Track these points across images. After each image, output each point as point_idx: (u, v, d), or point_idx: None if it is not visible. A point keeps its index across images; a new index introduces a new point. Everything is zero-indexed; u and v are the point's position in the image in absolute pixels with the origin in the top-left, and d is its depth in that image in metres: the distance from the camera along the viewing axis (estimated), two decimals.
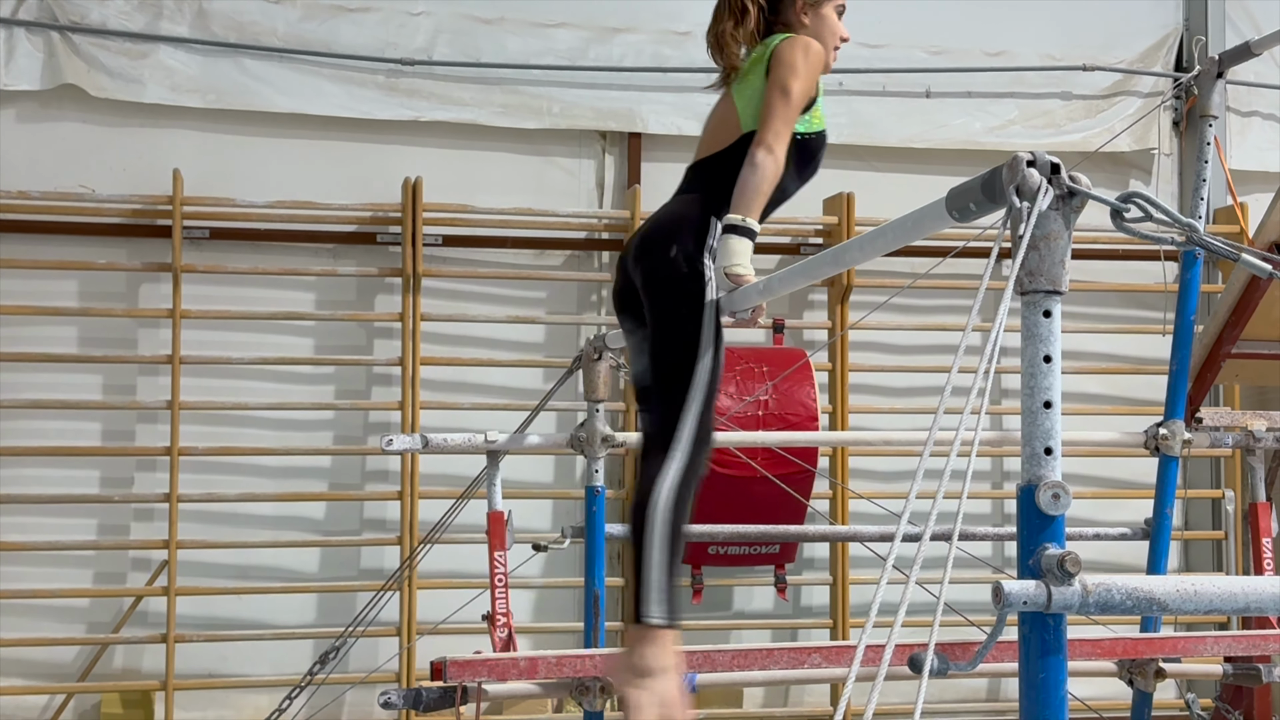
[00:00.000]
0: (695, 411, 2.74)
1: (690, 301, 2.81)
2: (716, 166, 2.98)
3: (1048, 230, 1.60)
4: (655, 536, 2.66)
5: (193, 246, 5.60)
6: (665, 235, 2.90)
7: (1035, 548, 1.56)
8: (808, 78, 2.89)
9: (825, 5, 3.06)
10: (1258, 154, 6.48)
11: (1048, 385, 1.59)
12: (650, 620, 2.63)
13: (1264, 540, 3.87)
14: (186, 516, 5.51)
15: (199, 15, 5.65)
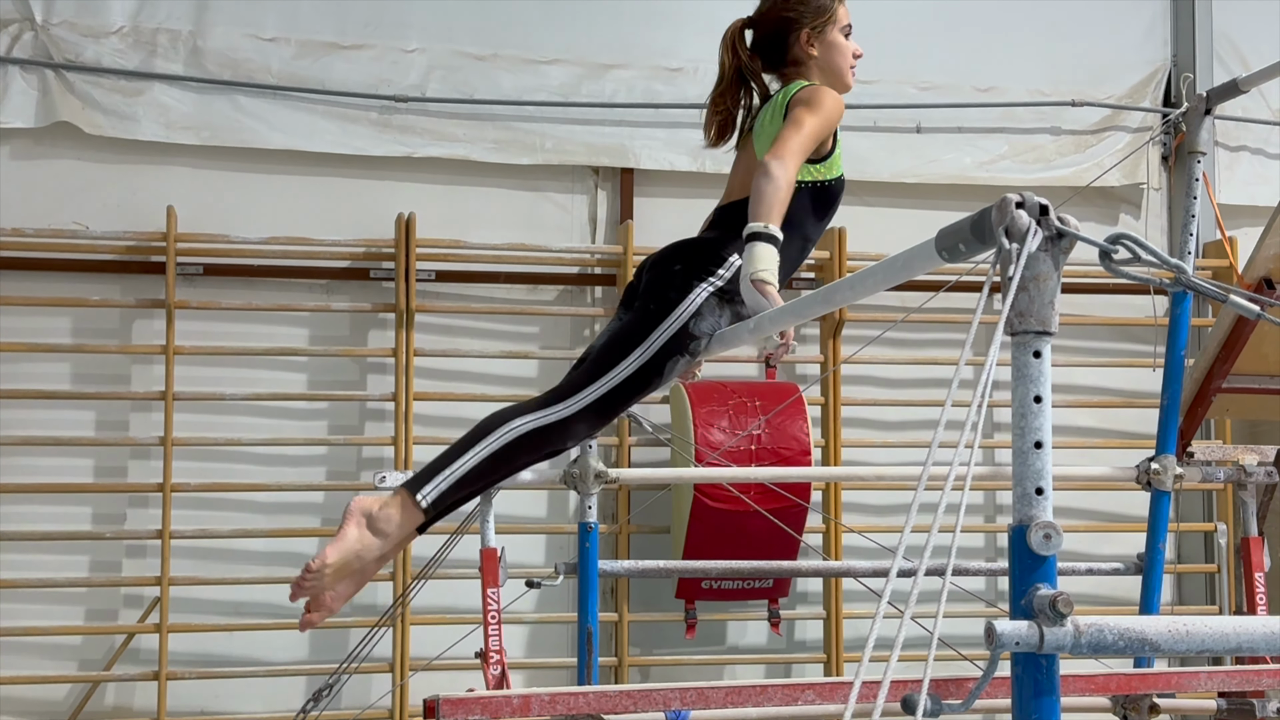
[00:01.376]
0: (604, 387, 2.79)
1: (663, 304, 2.85)
2: (741, 210, 2.94)
3: (1037, 271, 1.61)
4: (486, 448, 2.74)
5: (186, 283, 5.61)
6: (677, 252, 2.95)
7: (1027, 588, 1.56)
8: (824, 119, 2.87)
9: (830, 30, 3.06)
10: (1246, 188, 6.52)
11: (1038, 425, 1.60)
12: (419, 498, 2.72)
13: (1256, 575, 3.88)
14: (179, 553, 5.50)
15: (193, 53, 5.68)
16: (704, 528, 5.37)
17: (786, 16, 3.05)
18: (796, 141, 2.82)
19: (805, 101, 2.89)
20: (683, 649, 5.85)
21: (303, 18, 5.80)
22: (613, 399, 2.81)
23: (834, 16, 3.07)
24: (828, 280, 5.97)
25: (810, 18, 3.04)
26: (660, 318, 2.84)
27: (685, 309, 2.84)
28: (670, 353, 2.84)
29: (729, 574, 4.29)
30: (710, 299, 2.87)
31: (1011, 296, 1.59)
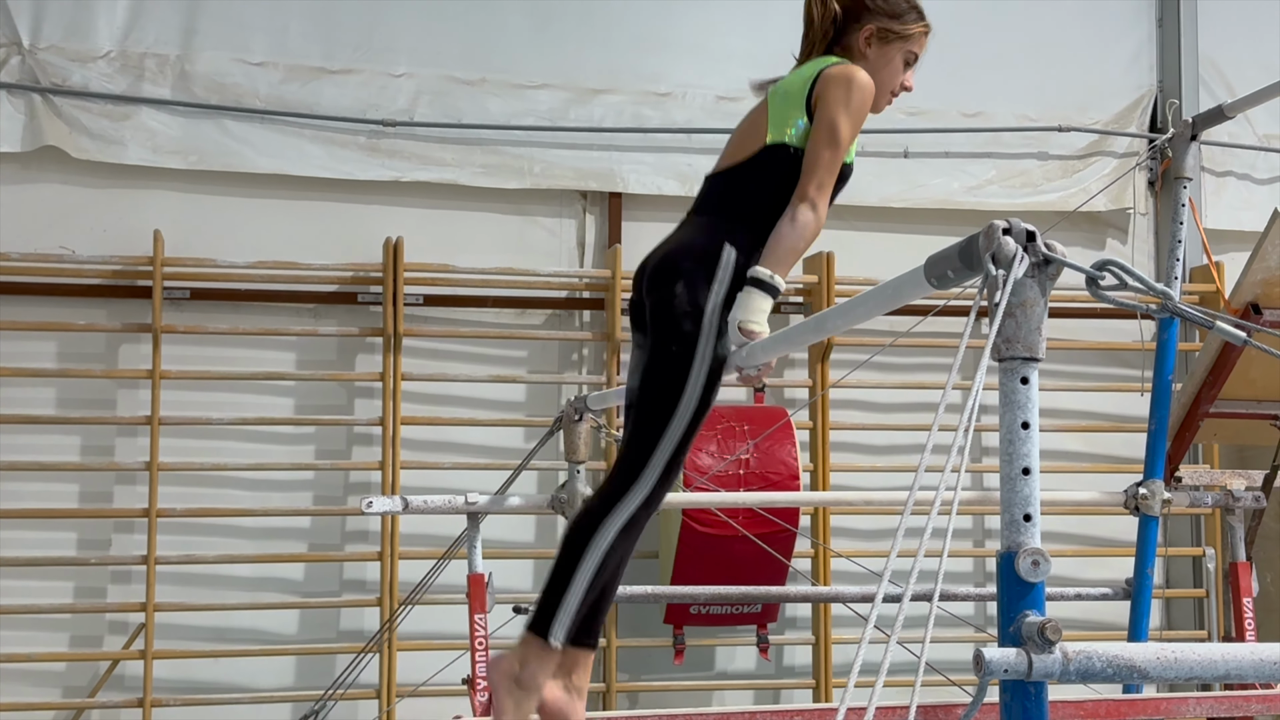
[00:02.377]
0: (668, 450, 2.69)
1: (685, 341, 2.72)
2: (734, 181, 2.86)
3: (1024, 297, 1.61)
4: (590, 560, 2.62)
5: (173, 307, 5.59)
6: (674, 267, 2.79)
7: (1015, 615, 1.56)
8: (858, 119, 2.77)
9: (894, 45, 2.90)
10: (1232, 213, 6.55)
11: (1026, 452, 1.60)
12: (550, 641, 2.61)
13: (1245, 600, 3.88)
14: (164, 579, 5.47)
15: (181, 77, 5.68)
16: (692, 552, 5.35)
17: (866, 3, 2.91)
18: (829, 172, 2.73)
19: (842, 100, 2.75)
20: (671, 674, 5.83)
21: (291, 42, 5.80)
22: (678, 455, 2.71)
23: (908, 35, 2.92)
24: (816, 303, 5.98)
25: (886, 19, 2.90)
26: (689, 359, 2.71)
27: (706, 340, 2.72)
28: (712, 386, 2.73)
29: (716, 600, 4.27)
30: (723, 310, 2.75)
31: (998, 323, 1.59)
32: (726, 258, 2.76)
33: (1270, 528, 5.92)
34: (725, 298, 2.75)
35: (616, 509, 2.65)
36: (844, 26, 2.90)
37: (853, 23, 2.90)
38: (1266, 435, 4.10)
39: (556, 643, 2.61)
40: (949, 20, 6.33)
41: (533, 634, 2.63)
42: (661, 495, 2.72)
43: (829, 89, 2.77)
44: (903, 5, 2.91)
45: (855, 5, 2.90)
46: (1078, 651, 1.53)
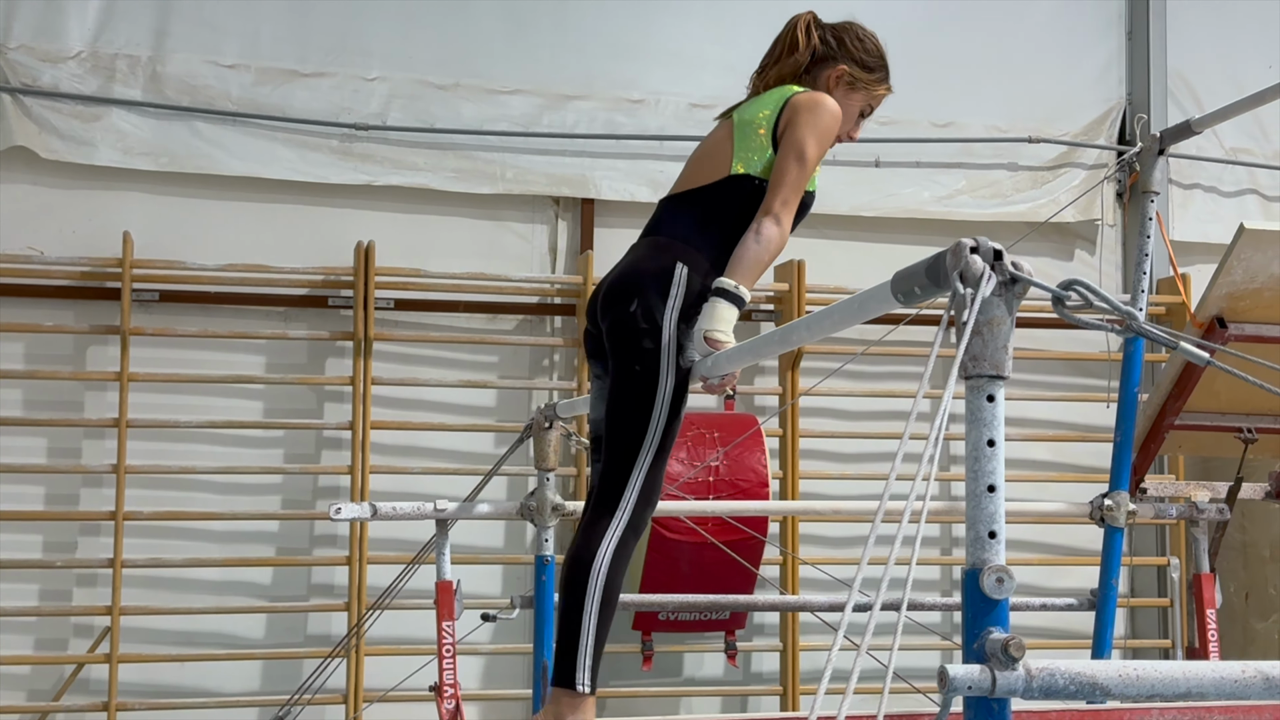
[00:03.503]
0: (642, 472, 2.73)
1: (646, 359, 2.75)
2: (691, 205, 2.91)
3: (991, 315, 1.62)
4: (592, 602, 2.67)
5: (141, 309, 5.57)
6: (627, 288, 2.82)
7: (979, 631, 1.57)
8: (825, 142, 2.84)
9: (858, 93, 3.02)
10: (1199, 225, 6.60)
11: (991, 469, 1.61)
12: (578, 688, 2.65)
13: (1208, 612, 3.91)
14: (131, 582, 5.44)
15: (152, 79, 5.65)
16: (661, 559, 5.36)
17: (845, 45, 3.04)
18: (794, 189, 2.78)
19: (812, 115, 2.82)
20: (639, 680, 5.83)
21: (263, 45, 5.78)
22: (655, 474, 2.75)
23: (869, 88, 3.04)
24: (786, 312, 5.99)
25: (860, 66, 3.02)
26: (653, 376, 2.75)
27: (668, 355, 2.75)
28: (678, 401, 2.77)
29: (685, 608, 4.28)
30: (680, 325, 2.78)
31: (965, 341, 1.60)
32: (679, 274, 2.80)
33: (1234, 538, 5.98)
34: (682, 312, 2.78)
35: (604, 542, 2.69)
36: (820, 61, 3.01)
37: (828, 60, 3.00)
38: (1231, 447, 4.14)
39: (584, 689, 2.66)
40: (920, 31, 6.44)
41: (560, 688, 2.67)
42: (645, 518, 2.74)
43: (799, 113, 2.84)
44: (876, 60, 3.05)
45: (836, 45, 3.01)
46: (1041, 669, 1.55)
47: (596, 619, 2.67)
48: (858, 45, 3.03)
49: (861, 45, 3.03)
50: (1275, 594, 5.88)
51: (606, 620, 2.69)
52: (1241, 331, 3.92)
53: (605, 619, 2.69)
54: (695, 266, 2.82)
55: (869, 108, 3.07)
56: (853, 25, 3.10)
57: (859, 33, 3.07)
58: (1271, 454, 4.31)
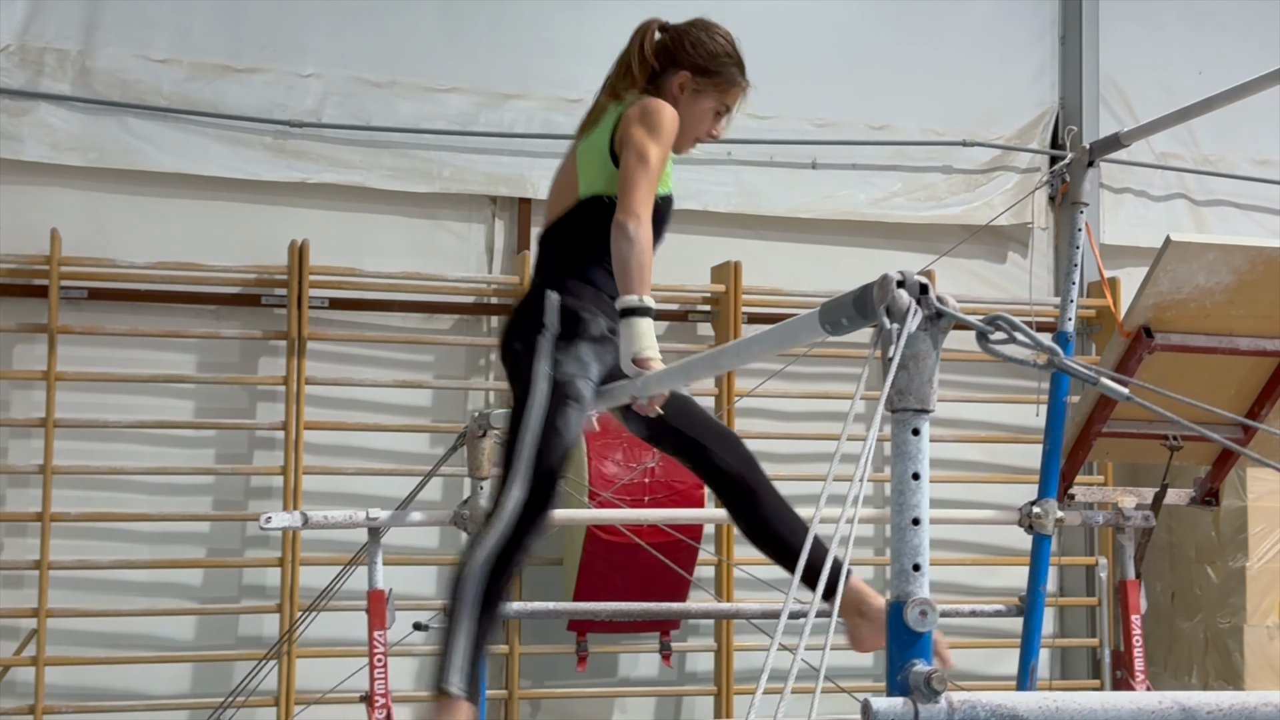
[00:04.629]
0: (520, 484, 2.77)
1: (524, 379, 2.84)
2: (555, 237, 2.97)
3: (916, 350, 1.64)
4: (464, 605, 2.71)
5: (70, 307, 5.48)
6: (510, 331, 2.94)
7: (903, 664, 1.59)
8: (664, 142, 2.82)
9: (707, 97, 2.99)
10: (1129, 229, 6.70)
11: (916, 502, 1.63)
12: (448, 689, 2.68)
13: (1133, 617, 3.97)
14: (57, 584, 5.36)
15: (81, 73, 5.56)
16: (597, 561, 5.36)
17: (687, 49, 2.98)
18: (645, 187, 2.77)
19: (644, 121, 2.82)
20: (574, 681, 5.83)
21: (195, 39, 5.71)
22: (536, 485, 2.77)
23: (721, 88, 3.01)
24: (724, 312, 6.01)
25: (698, 71, 2.98)
26: (527, 391, 2.82)
27: (540, 369, 2.82)
28: (555, 412, 2.80)
29: (618, 615, 4.28)
30: (558, 344, 2.84)
31: (892, 376, 1.62)
32: (549, 302, 2.86)
33: (1161, 538, 6.08)
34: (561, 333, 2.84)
35: (481, 547, 2.74)
36: (662, 69, 2.98)
37: (670, 66, 2.97)
38: (1157, 454, 4.20)
39: (457, 691, 2.67)
40: (857, 34, 6.48)
41: (437, 691, 2.70)
42: (525, 531, 2.76)
43: (630, 122, 2.84)
44: (721, 60, 2.99)
45: (674, 51, 2.97)
46: (962, 701, 1.57)
47: (471, 624, 2.70)
48: (697, 50, 2.97)
49: (702, 49, 2.97)
50: (1200, 594, 5.99)
51: (484, 626, 2.73)
52: (1168, 341, 3.98)
53: (483, 624, 2.72)
54: (568, 290, 2.88)
55: (724, 107, 3.03)
56: (695, 27, 3.02)
57: (699, 36, 2.99)
58: (1196, 461, 4.38)
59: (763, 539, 3.00)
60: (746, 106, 6.42)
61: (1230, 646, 5.79)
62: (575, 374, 2.83)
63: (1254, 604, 5.75)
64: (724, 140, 6.12)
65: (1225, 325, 4.00)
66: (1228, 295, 3.93)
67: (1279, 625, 5.76)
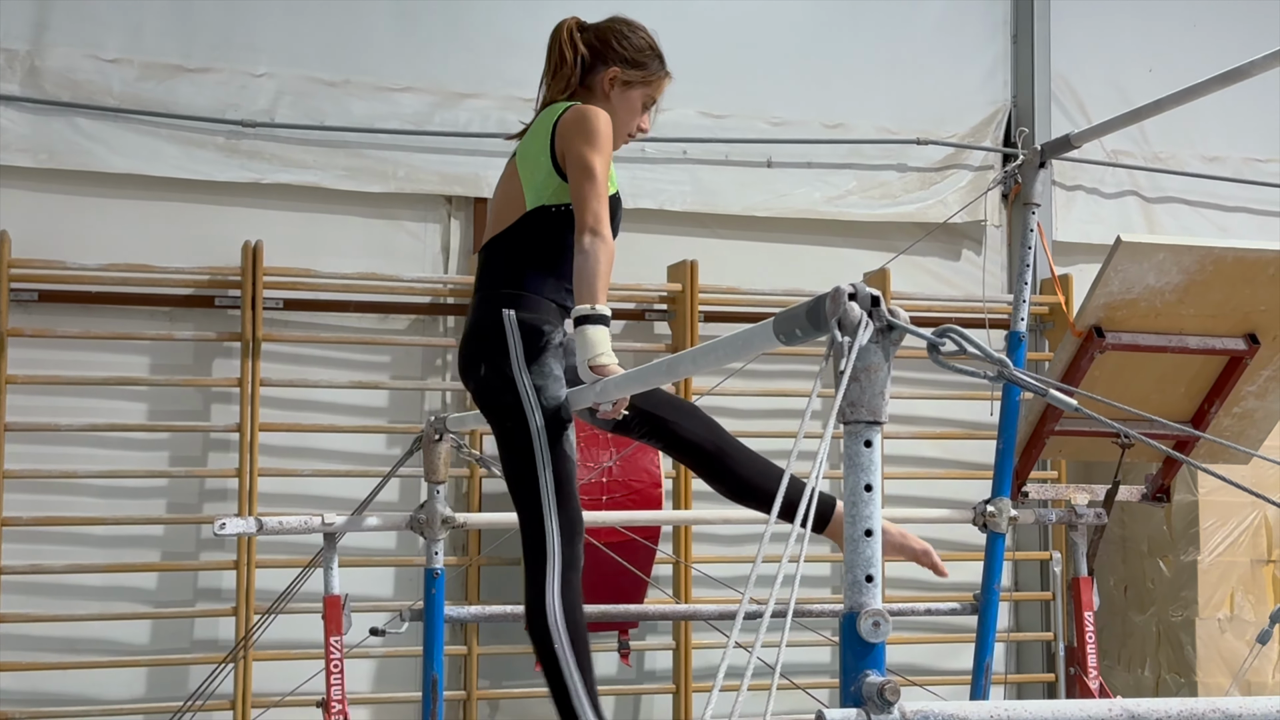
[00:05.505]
0: (553, 515, 2.81)
1: (512, 414, 2.85)
2: (501, 248, 2.98)
3: (868, 362, 1.65)
4: (564, 651, 2.77)
5: (20, 310, 5.42)
6: (471, 355, 2.93)
7: (857, 675, 1.60)
8: (604, 150, 2.87)
9: (636, 90, 3.05)
10: (1081, 226, 6.76)
11: (868, 514, 1.63)
12: None
13: (1086, 614, 4.01)
14: (10, 588, 5.31)
15: (30, 73, 5.50)
16: None
17: (612, 45, 3.04)
18: (598, 200, 2.82)
19: (581, 133, 2.86)
20: (533, 681, 5.82)
21: (146, 39, 5.66)
22: (566, 508, 2.82)
23: (649, 80, 3.07)
24: (680, 311, 6.02)
25: (628, 65, 3.04)
26: (525, 427, 2.83)
27: (529, 401, 2.84)
28: (558, 440, 2.84)
29: None
30: (531, 368, 2.86)
31: (844, 388, 1.63)
32: (509, 322, 2.88)
33: (1114, 533, 6.14)
34: (527, 356, 2.86)
35: (546, 588, 2.79)
36: (590, 67, 3.03)
37: (598, 64, 3.03)
38: (1109, 452, 4.24)
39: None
40: (811, 32, 6.50)
41: None
42: (577, 551, 2.84)
43: (568, 134, 2.89)
44: (645, 53, 3.06)
45: (600, 48, 3.03)
46: (915, 711, 1.58)
47: (575, 663, 2.77)
48: (623, 44, 3.04)
49: (627, 43, 3.04)
50: (1153, 587, 6.06)
51: (584, 657, 2.80)
52: (1119, 340, 4.02)
53: (582, 656, 2.79)
54: (523, 305, 2.91)
55: (651, 99, 3.09)
56: (615, 24, 3.10)
57: (622, 30, 3.07)
58: (1147, 458, 4.43)
59: (745, 493, 3.05)
60: (702, 104, 6.47)
61: (1182, 640, 5.86)
62: (558, 393, 2.87)
63: (1205, 597, 5.82)
64: (679, 139, 6.22)
65: (1175, 325, 4.05)
66: (1177, 295, 3.98)
67: (1230, 618, 5.84)
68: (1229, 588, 5.86)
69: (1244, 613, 5.84)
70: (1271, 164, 7.00)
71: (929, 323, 6.35)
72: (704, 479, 3.13)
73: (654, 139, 6.17)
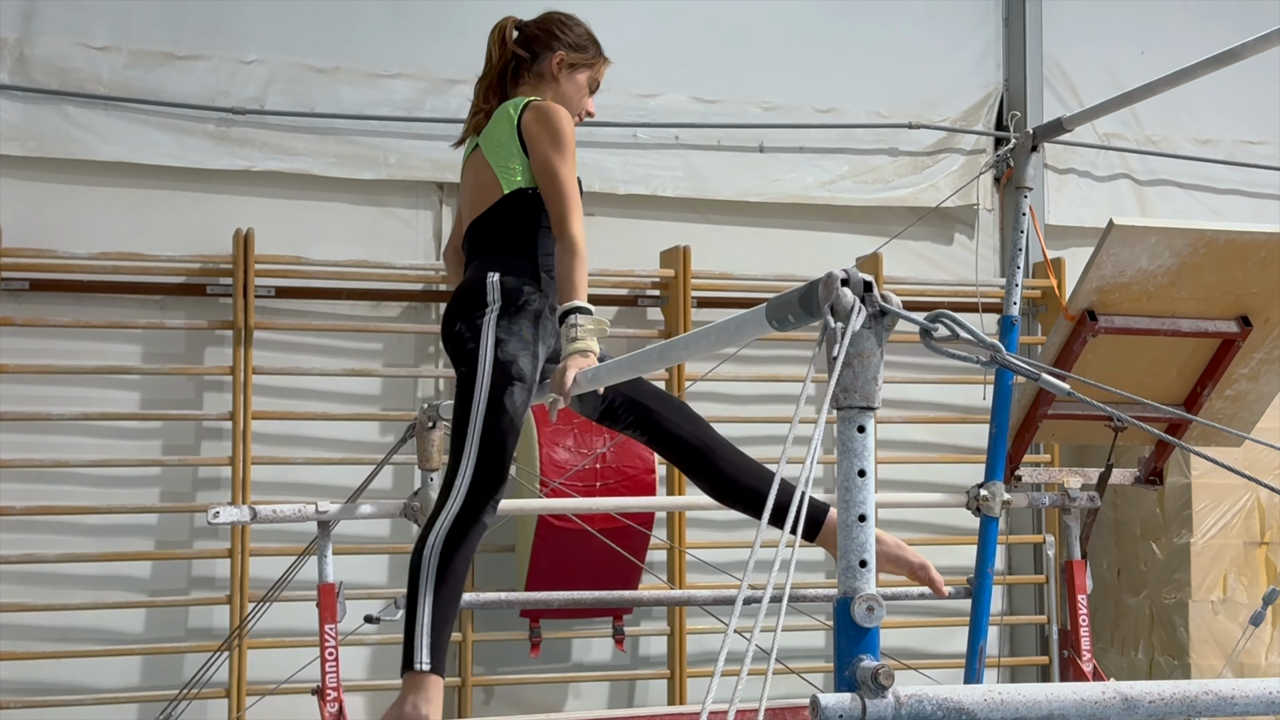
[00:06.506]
0: (470, 462, 2.88)
1: (468, 360, 2.94)
2: (485, 226, 3.10)
3: (861, 348, 1.65)
4: (424, 583, 2.82)
5: (10, 299, 5.41)
6: (452, 313, 3.04)
7: (851, 659, 1.60)
8: (569, 149, 3.02)
9: (582, 72, 3.23)
10: (1073, 209, 6.76)
11: (862, 499, 1.63)
12: (418, 667, 2.78)
13: (1079, 597, 4.02)
14: (3, 578, 5.30)
15: (19, 61, 5.47)
16: (549, 547, 5.36)
17: (554, 32, 3.24)
18: (571, 202, 2.97)
19: (547, 136, 3.01)
20: (527, 667, 5.84)
21: (135, 26, 5.63)
22: (486, 464, 2.88)
23: (592, 63, 3.26)
24: (673, 297, 6.02)
25: (572, 49, 3.23)
26: (472, 372, 2.93)
27: (485, 348, 2.92)
28: (499, 393, 2.91)
29: (570, 604, 4.29)
30: (500, 323, 2.96)
31: (836, 374, 1.62)
32: (491, 281, 3.00)
33: (1107, 515, 6.16)
34: (501, 311, 2.97)
35: (434, 526, 2.86)
36: (536, 55, 3.22)
37: (544, 50, 3.22)
38: (1102, 435, 4.25)
39: (423, 666, 2.78)
40: (802, 17, 6.49)
41: (407, 670, 2.81)
42: (483, 505, 2.88)
43: (534, 132, 3.05)
44: (586, 38, 3.28)
45: (545, 36, 3.23)
46: (909, 696, 1.58)
47: (431, 600, 2.80)
48: (566, 31, 3.24)
49: (570, 30, 3.25)
50: (1146, 570, 6.07)
51: (445, 602, 2.82)
52: (1111, 324, 4.02)
53: (443, 600, 2.82)
54: (508, 269, 3.03)
55: (595, 82, 3.28)
56: (554, 15, 3.31)
57: (562, 19, 3.28)
58: (1140, 441, 4.44)
59: (730, 493, 3.11)
60: (694, 89, 6.45)
61: (1175, 621, 5.88)
62: (518, 352, 2.95)
63: (1198, 579, 5.84)
64: (671, 124, 6.21)
65: (1168, 307, 4.05)
66: (1170, 278, 3.98)
67: (1223, 601, 5.86)
68: (1222, 570, 5.87)
69: (1237, 595, 5.86)
70: (1264, 146, 7.00)
71: (922, 307, 6.35)
72: (688, 476, 3.21)
73: (646, 124, 6.18)
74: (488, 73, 3.26)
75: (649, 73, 6.08)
